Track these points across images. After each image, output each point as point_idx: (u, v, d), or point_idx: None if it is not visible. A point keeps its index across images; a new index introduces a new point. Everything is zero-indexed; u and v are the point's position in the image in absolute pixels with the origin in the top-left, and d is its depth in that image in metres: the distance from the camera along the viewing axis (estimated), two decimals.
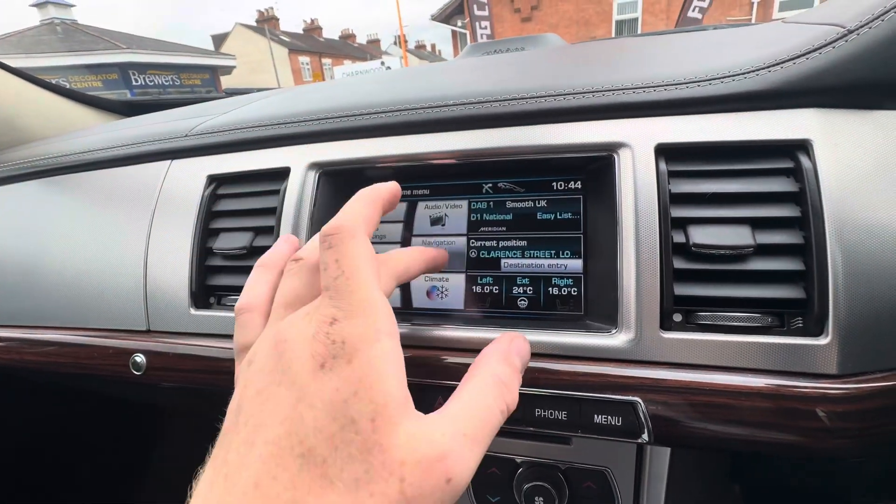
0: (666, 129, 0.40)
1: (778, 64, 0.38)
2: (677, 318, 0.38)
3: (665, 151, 0.40)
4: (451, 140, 0.46)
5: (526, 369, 0.40)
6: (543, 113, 0.44)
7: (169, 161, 0.57)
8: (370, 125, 0.49)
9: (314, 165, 0.50)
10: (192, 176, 0.55)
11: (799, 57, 0.38)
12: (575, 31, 12.95)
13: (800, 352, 0.35)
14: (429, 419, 0.25)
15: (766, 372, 0.36)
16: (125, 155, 0.60)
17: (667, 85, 0.41)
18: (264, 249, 0.49)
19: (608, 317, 0.40)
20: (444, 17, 17.41)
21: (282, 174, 0.51)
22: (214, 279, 0.52)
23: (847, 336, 0.34)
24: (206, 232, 0.52)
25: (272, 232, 0.49)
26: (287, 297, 0.31)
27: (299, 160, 0.50)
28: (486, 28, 7.77)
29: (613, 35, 12.73)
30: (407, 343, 0.44)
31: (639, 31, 12.72)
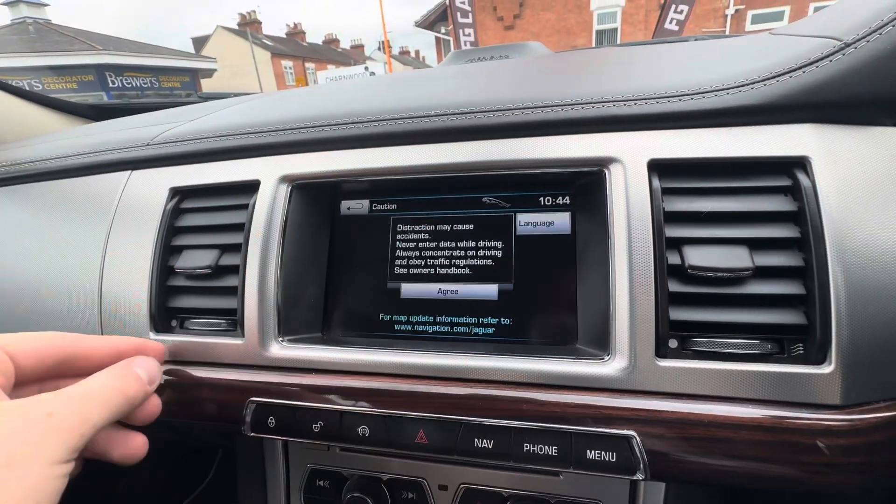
0: (659, 143, 0.38)
1: (773, 77, 0.37)
2: (673, 344, 0.36)
3: (658, 167, 0.38)
4: (433, 153, 0.43)
5: (511, 399, 0.37)
6: (531, 125, 0.41)
7: (128, 172, 0.53)
8: (347, 136, 0.46)
9: (286, 178, 0.46)
10: (153, 188, 0.51)
11: (795, 70, 0.36)
12: (556, 39, 13.15)
13: (802, 381, 0.33)
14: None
15: (766, 402, 0.34)
16: (80, 165, 0.55)
17: (659, 98, 0.39)
18: (231, 269, 0.46)
19: (600, 342, 0.38)
20: (428, 23, 17.48)
21: (251, 187, 0.47)
22: (176, 300, 0.48)
23: (851, 364, 0.32)
24: (167, 249, 0.48)
25: (240, 250, 0.45)
26: None
27: (270, 172, 0.47)
28: (469, 35, 7.80)
29: (594, 44, 12.97)
30: (385, 371, 0.41)
31: (618, 41, 12.98)
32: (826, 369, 0.33)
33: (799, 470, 0.33)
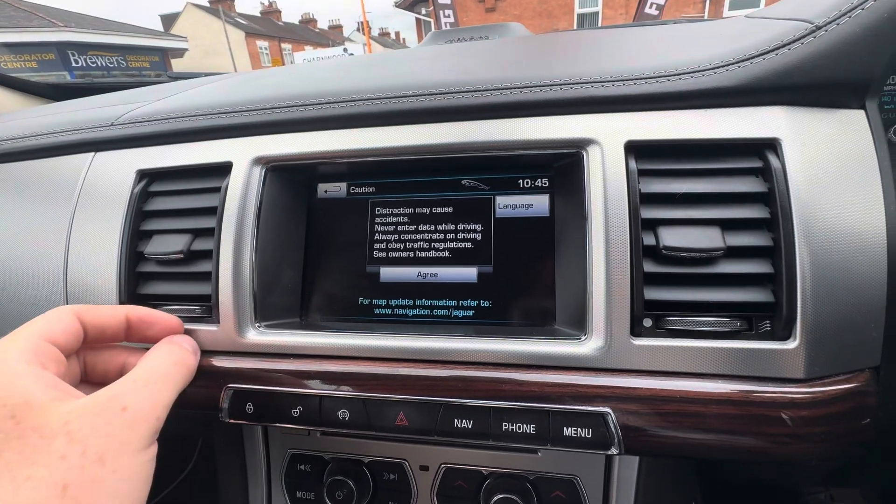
0: (635, 125, 0.38)
1: (746, 59, 0.37)
2: (647, 323, 0.37)
3: (634, 148, 0.38)
4: (410, 134, 0.43)
5: (489, 379, 0.37)
6: (510, 106, 0.41)
7: (91, 153, 0.51)
8: (323, 116, 0.45)
9: (260, 160, 0.45)
10: (118, 170, 0.49)
11: (767, 53, 0.37)
12: (538, 22, 13.05)
13: (768, 356, 0.34)
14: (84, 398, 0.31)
15: (735, 377, 0.35)
16: (39, 146, 0.52)
17: (636, 79, 0.39)
18: (204, 254, 0.45)
19: (577, 322, 0.39)
20: (408, 4, 17.09)
21: (223, 169, 0.46)
22: (147, 287, 0.46)
23: (814, 340, 0.33)
24: (136, 234, 0.46)
25: (213, 234, 0.44)
26: None
27: (243, 154, 0.45)
28: (449, 17, 7.66)
29: (575, 27, 12.92)
30: (364, 355, 0.40)
31: (599, 24, 12.96)
32: (791, 345, 0.34)
33: (765, 441, 0.34)
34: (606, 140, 0.38)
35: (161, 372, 0.35)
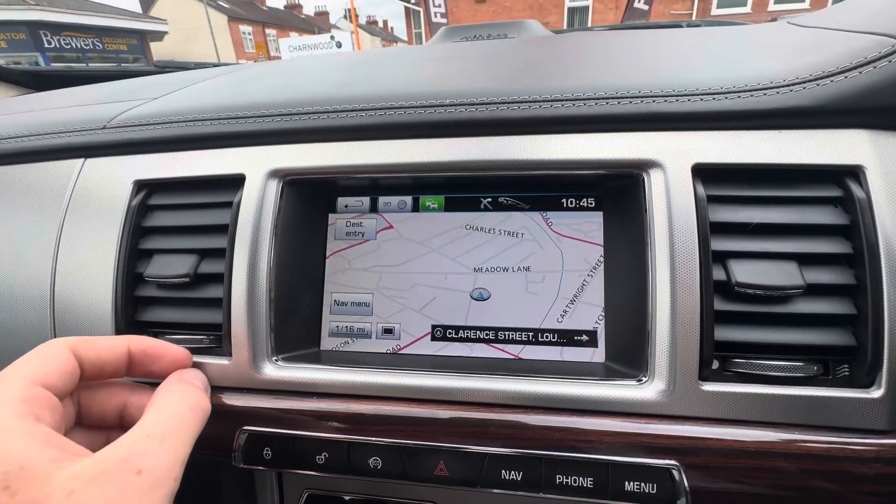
0: (703, 146, 0.35)
1: (827, 77, 0.34)
2: (714, 365, 0.33)
3: (702, 172, 0.34)
4: (446, 148, 0.38)
5: (542, 427, 0.34)
6: (559, 120, 0.37)
7: (82, 160, 0.45)
8: (347, 125, 0.40)
9: (276, 173, 0.40)
10: (113, 180, 0.43)
11: (850, 70, 0.33)
12: (529, 15, 12.95)
13: (849, 405, 0.31)
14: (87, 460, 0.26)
15: (812, 427, 0.32)
16: (21, 149, 0.46)
17: (703, 94, 0.35)
18: (213, 277, 0.40)
19: (633, 362, 0.35)
20: None
21: (235, 182, 0.41)
22: (147, 313, 0.41)
23: None
24: (134, 253, 0.41)
25: (223, 255, 0.39)
26: None
27: (257, 165, 0.40)
28: (440, 6, 7.56)
29: (566, 22, 12.88)
30: (398, 395, 0.36)
31: (590, 20, 12.93)
32: (875, 393, 0.31)
33: (847, 498, 0.31)
34: (671, 162, 0.34)
35: (176, 422, 0.30)
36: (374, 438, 0.35)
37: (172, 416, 0.30)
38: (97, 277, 0.41)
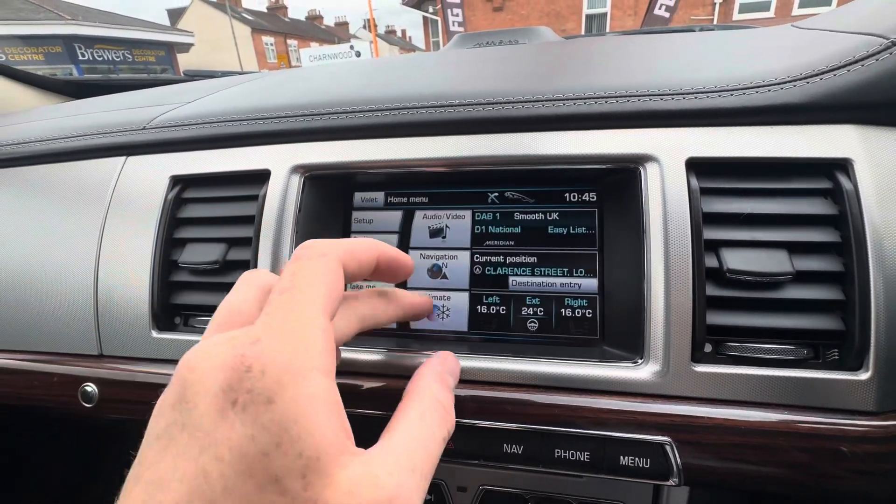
0: (697, 141, 0.37)
1: (817, 75, 0.35)
2: (707, 348, 0.35)
3: (696, 166, 0.37)
4: (455, 144, 0.41)
5: (543, 404, 0.36)
6: (562, 118, 0.39)
7: (124, 157, 0.49)
8: (365, 124, 0.43)
9: (298, 168, 0.43)
10: (151, 176, 0.47)
11: (839, 68, 0.35)
12: (546, 22, 13.00)
13: (837, 387, 0.33)
14: (371, 457, 0.21)
15: (801, 408, 0.33)
16: (70, 149, 0.51)
17: (697, 93, 0.37)
18: (240, 264, 0.43)
19: (629, 345, 0.37)
20: (416, 2, 17.07)
21: (261, 177, 0.44)
22: (180, 297, 0.45)
23: (887, 371, 0.32)
24: (169, 242, 0.45)
25: (249, 244, 0.43)
26: (222, 314, 0.25)
27: (281, 161, 0.44)
28: (457, 16, 7.65)
29: (583, 28, 12.86)
30: (402, 374, 0.39)
31: (607, 26, 12.90)
32: (863, 376, 0.32)
33: (832, 476, 0.32)
34: (666, 156, 0.37)
35: (433, 457, 0.25)
36: (379, 413, 0.38)
37: (430, 446, 0.25)
38: (136, 264, 0.45)
